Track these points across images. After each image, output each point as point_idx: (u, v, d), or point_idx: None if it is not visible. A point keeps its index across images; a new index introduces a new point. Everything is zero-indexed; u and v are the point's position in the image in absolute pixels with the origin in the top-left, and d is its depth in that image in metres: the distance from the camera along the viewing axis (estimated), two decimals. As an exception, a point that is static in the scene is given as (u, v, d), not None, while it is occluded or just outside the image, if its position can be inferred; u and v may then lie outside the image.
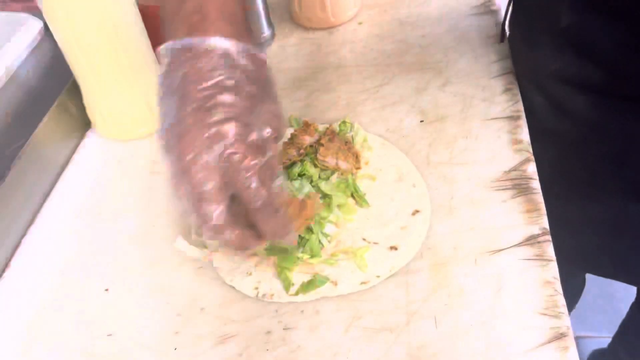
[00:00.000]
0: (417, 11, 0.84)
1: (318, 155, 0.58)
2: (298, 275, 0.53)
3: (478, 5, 0.82)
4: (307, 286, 0.51)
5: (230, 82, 0.41)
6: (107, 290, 0.55)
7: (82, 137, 0.72)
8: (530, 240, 0.52)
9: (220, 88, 0.40)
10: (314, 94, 0.73)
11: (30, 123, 0.64)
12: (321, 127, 0.64)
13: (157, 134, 0.42)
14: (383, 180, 0.60)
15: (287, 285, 0.52)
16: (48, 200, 0.64)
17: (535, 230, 0.53)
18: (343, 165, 0.58)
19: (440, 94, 0.70)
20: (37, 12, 0.73)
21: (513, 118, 0.64)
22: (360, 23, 0.84)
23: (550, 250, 0.51)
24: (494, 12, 0.81)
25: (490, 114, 0.65)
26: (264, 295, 0.52)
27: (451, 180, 0.59)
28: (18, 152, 0.60)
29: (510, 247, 0.52)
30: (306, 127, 0.64)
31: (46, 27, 0.72)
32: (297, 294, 0.51)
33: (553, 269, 0.49)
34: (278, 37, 0.84)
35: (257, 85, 0.42)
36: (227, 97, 0.40)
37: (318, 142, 0.60)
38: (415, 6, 0.85)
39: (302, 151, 0.60)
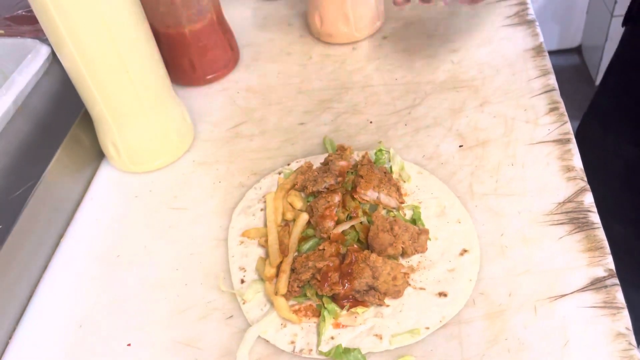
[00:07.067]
0: (445, 23, 0.79)
1: (358, 189, 0.53)
2: (336, 329, 0.48)
3: (512, 16, 0.77)
4: (340, 354, 0.46)
5: None
6: (129, 345, 0.50)
7: (95, 169, 0.67)
8: (595, 284, 0.47)
9: None
10: (341, 117, 0.68)
11: (41, 159, 0.59)
12: (355, 155, 0.59)
13: None
14: (424, 215, 0.55)
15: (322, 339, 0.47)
16: (62, 242, 0.60)
17: (600, 272, 0.48)
18: (385, 199, 0.53)
19: (479, 115, 0.65)
20: (45, 37, 0.69)
21: (561, 142, 0.59)
22: (385, 37, 0.79)
23: (619, 296, 0.46)
24: (530, 22, 0.75)
25: (536, 138, 0.60)
26: (301, 350, 0.47)
27: (499, 214, 0.54)
28: (30, 193, 0.56)
29: (573, 292, 0.47)
30: (341, 151, 0.59)
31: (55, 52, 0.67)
32: (329, 354, 0.46)
33: (625, 319, 0.44)
34: (298, 54, 0.79)
35: None
36: None
37: (356, 173, 0.55)
38: (442, 18, 0.80)
39: (339, 179, 0.55)
